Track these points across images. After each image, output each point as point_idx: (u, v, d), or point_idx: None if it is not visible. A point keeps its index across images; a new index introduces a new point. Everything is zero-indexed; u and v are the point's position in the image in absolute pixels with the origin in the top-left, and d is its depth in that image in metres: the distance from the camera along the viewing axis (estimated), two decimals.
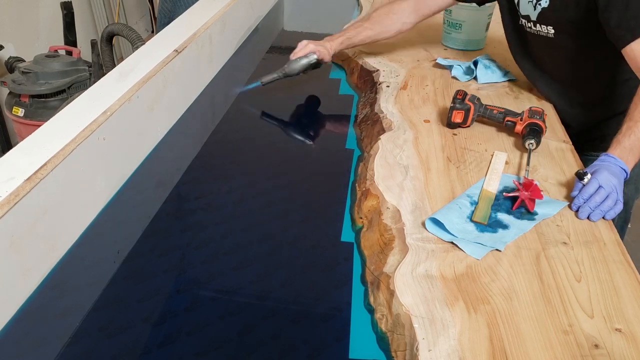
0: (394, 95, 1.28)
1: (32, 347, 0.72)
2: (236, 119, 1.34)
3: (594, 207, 0.88)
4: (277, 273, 0.86)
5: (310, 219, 0.99)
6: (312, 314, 0.79)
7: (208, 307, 0.79)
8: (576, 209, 0.90)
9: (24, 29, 2.54)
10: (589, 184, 0.89)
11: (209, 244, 0.91)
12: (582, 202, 0.89)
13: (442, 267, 0.78)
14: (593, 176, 0.89)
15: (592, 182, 0.89)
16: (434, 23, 1.75)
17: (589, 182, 0.89)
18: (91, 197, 0.93)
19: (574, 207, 0.90)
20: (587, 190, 0.89)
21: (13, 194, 0.74)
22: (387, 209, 0.91)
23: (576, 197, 0.90)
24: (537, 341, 0.67)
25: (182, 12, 1.51)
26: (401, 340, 0.70)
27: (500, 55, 1.52)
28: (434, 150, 1.07)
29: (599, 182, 0.88)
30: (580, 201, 0.89)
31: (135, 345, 0.73)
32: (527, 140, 1.04)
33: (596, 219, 0.88)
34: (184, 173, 1.11)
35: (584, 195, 0.89)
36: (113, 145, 0.97)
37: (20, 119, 2.07)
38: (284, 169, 1.15)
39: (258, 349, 0.72)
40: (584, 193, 0.89)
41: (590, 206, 0.88)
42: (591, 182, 0.89)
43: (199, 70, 1.37)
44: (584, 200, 0.89)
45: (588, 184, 0.89)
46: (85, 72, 2.16)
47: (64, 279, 0.82)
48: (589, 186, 0.89)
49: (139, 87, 1.06)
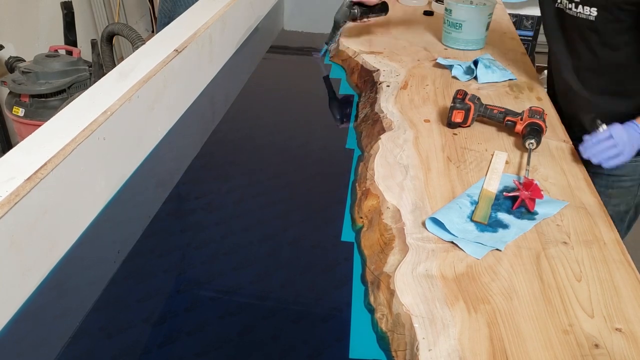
0: (394, 94, 1.28)
1: (32, 347, 0.72)
2: (236, 119, 1.34)
3: (598, 151, 0.97)
4: (277, 273, 0.86)
5: (310, 219, 0.99)
6: (312, 314, 0.79)
7: (208, 307, 0.79)
8: (583, 149, 0.99)
9: (24, 29, 2.54)
10: (602, 132, 0.99)
11: (209, 244, 0.91)
12: (590, 145, 0.99)
13: (442, 266, 0.78)
14: (607, 127, 0.99)
15: (605, 131, 0.99)
16: (434, 23, 1.76)
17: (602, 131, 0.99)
18: (91, 197, 0.93)
19: (582, 147, 0.99)
20: (598, 136, 0.99)
21: (13, 194, 0.74)
22: (387, 208, 0.90)
23: (587, 139, 1.00)
24: (537, 341, 0.67)
25: (182, 12, 1.51)
26: (401, 340, 0.70)
27: (500, 55, 1.52)
28: (434, 150, 1.07)
29: (610, 132, 0.98)
30: (588, 143, 0.99)
31: (135, 345, 0.72)
32: (527, 140, 1.04)
33: (595, 162, 0.98)
34: (184, 173, 1.11)
35: (593, 138, 0.99)
36: (113, 145, 0.97)
37: (20, 118, 2.07)
38: (284, 169, 1.15)
39: (258, 349, 0.72)
40: (594, 137, 0.99)
41: (596, 149, 0.98)
42: (604, 131, 0.99)
43: (199, 70, 1.37)
44: (592, 143, 0.99)
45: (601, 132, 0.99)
46: (86, 72, 2.16)
47: (64, 279, 0.82)
48: (601, 133, 0.99)
49: (139, 86, 1.06)
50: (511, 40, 1.64)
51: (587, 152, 0.98)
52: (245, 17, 1.73)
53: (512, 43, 1.62)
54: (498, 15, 1.66)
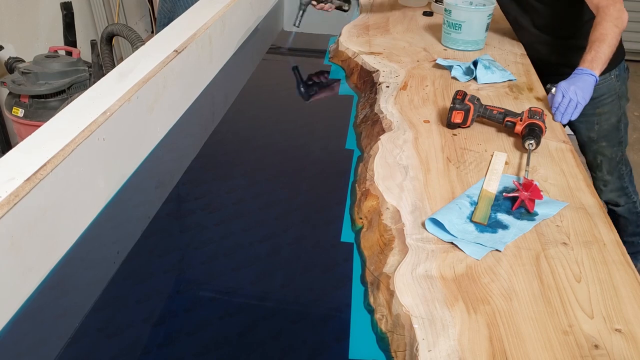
0: (394, 95, 1.28)
1: (32, 347, 0.72)
2: (236, 119, 1.34)
3: (562, 113, 1.17)
4: (277, 273, 0.86)
5: (310, 219, 0.99)
6: (312, 314, 0.79)
7: (208, 307, 0.79)
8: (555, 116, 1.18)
9: (24, 29, 2.54)
10: (555, 95, 1.19)
11: (208, 245, 0.91)
12: (555, 111, 1.18)
13: (441, 267, 0.78)
14: (557, 88, 1.19)
15: (557, 93, 1.19)
16: (434, 23, 1.76)
17: (555, 94, 1.19)
18: (91, 197, 0.93)
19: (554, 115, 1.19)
20: (555, 100, 1.19)
21: (13, 194, 0.74)
22: (387, 209, 0.91)
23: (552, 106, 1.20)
24: (537, 341, 0.67)
25: (182, 12, 1.51)
26: (401, 340, 0.70)
27: (500, 55, 1.52)
28: (434, 150, 1.07)
29: (560, 91, 1.18)
30: (554, 110, 1.19)
31: (135, 346, 0.72)
32: (526, 141, 1.04)
33: (565, 122, 1.17)
34: (184, 173, 1.11)
35: (554, 105, 1.19)
36: (113, 146, 0.97)
37: (20, 119, 2.07)
38: (284, 169, 1.15)
39: (258, 349, 0.72)
40: (554, 103, 1.19)
41: (560, 112, 1.17)
42: (556, 93, 1.19)
43: (199, 70, 1.37)
44: (555, 108, 1.18)
45: (555, 95, 1.19)
46: (85, 72, 2.15)
47: (64, 279, 0.82)
48: (555, 96, 1.19)
49: (139, 87, 1.06)
50: (511, 41, 1.64)
51: (557, 117, 1.18)
52: (245, 17, 1.73)
53: (511, 44, 1.62)
54: (498, 16, 1.66)
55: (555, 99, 1.18)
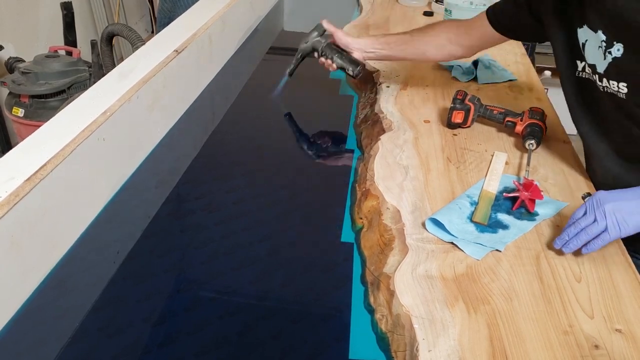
0: (394, 95, 1.28)
1: (32, 347, 0.72)
2: (236, 119, 1.34)
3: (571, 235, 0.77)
4: (277, 273, 0.86)
5: (310, 219, 0.99)
6: (312, 314, 0.79)
7: (208, 307, 0.79)
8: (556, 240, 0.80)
9: (24, 29, 2.54)
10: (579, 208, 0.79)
11: (208, 244, 0.91)
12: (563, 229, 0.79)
13: (442, 267, 0.78)
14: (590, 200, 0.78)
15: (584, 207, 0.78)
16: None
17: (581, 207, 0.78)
18: (91, 197, 0.93)
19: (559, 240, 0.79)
20: (575, 214, 0.79)
21: (13, 194, 0.74)
22: (387, 209, 0.91)
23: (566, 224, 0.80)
24: (537, 341, 0.67)
25: (182, 12, 1.51)
26: (401, 340, 0.70)
27: (500, 55, 1.52)
28: (434, 150, 1.07)
29: (593, 210, 0.76)
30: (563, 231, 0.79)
31: (135, 345, 0.72)
32: (527, 141, 1.04)
33: (567, 250, 0.79)
34: (184, 173, 1.11)
35: (569, 220, 0.79)
36: (113, 145, 0.97)
37: (20, 119, 2.07)
38: (284, 169, 1.15)
39: (258, 349, 0.72)
40: (571, 218, 0.79)
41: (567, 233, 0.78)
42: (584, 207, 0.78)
43: (199, 70, 1.37)
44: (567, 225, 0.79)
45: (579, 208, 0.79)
46: (85, 72, 2.15)
47: (64, 279, 0.82)
48: (577, 210, 0.78)
49: (139, 87, 1.06)
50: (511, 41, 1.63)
51: (558, 241, 0.78)
52: (245, 17, 1.73)
53: (511, 44, 1.62)
54: None
55: (575, 214, 0.79)
